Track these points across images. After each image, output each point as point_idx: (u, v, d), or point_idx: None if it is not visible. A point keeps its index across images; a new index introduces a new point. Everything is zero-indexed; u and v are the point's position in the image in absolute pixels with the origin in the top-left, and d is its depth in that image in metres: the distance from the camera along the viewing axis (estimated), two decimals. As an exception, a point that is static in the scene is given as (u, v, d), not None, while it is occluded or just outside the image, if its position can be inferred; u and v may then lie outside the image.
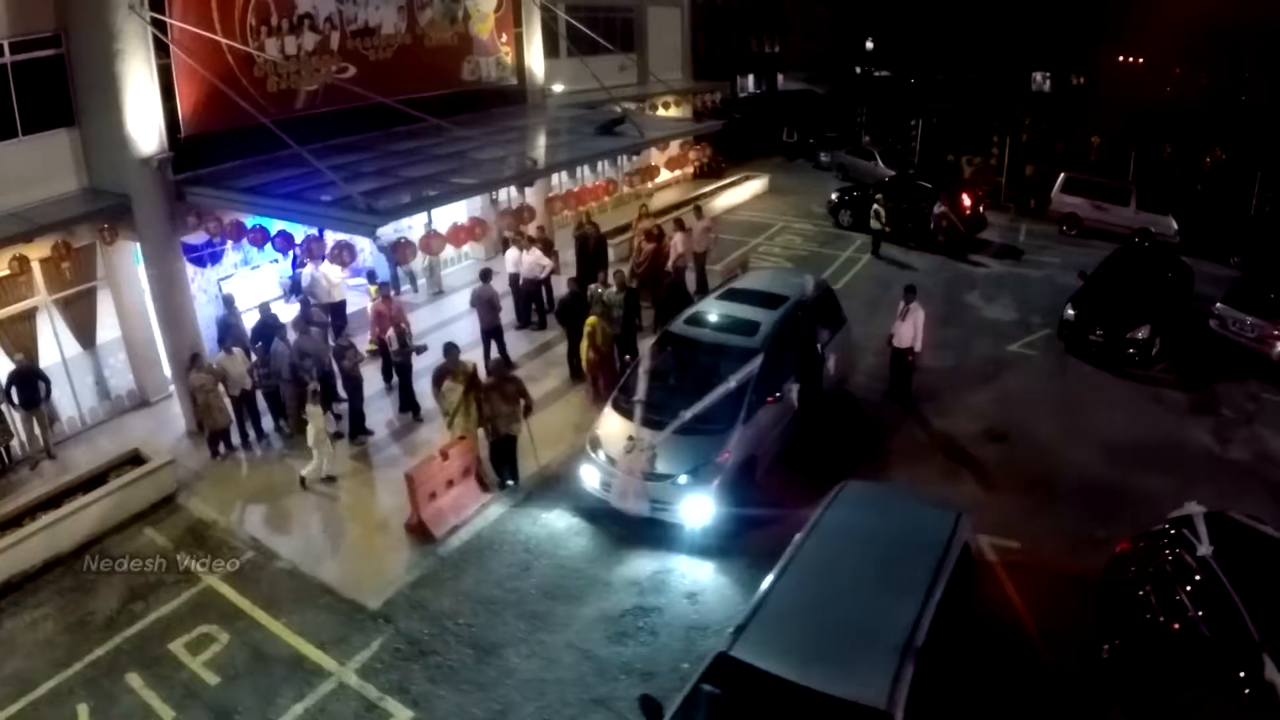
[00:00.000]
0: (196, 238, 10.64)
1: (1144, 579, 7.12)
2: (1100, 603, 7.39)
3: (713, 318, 9.74)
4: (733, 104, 30.86)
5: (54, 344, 10.26)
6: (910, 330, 11.10)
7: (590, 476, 8.82)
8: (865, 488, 7.23)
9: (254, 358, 10.26)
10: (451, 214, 12.21)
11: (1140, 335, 12.78)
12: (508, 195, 15.20)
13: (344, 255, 9.64)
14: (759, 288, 10.48)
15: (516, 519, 8.97)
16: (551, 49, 16.04)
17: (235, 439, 10.21)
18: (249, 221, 10.27)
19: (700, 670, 5.39)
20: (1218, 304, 13.58)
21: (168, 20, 9.38)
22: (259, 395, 10.31)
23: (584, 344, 10.69)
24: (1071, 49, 30.29)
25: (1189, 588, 6.65)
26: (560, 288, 13.02)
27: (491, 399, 8.94)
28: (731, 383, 8.57)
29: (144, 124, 9.52)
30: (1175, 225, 18.79)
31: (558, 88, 15.61)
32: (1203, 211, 19.92)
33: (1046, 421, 11.35)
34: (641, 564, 8.25)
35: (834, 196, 20.72)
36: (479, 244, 14.15)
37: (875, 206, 17.68)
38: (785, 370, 9.31)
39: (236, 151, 10.28)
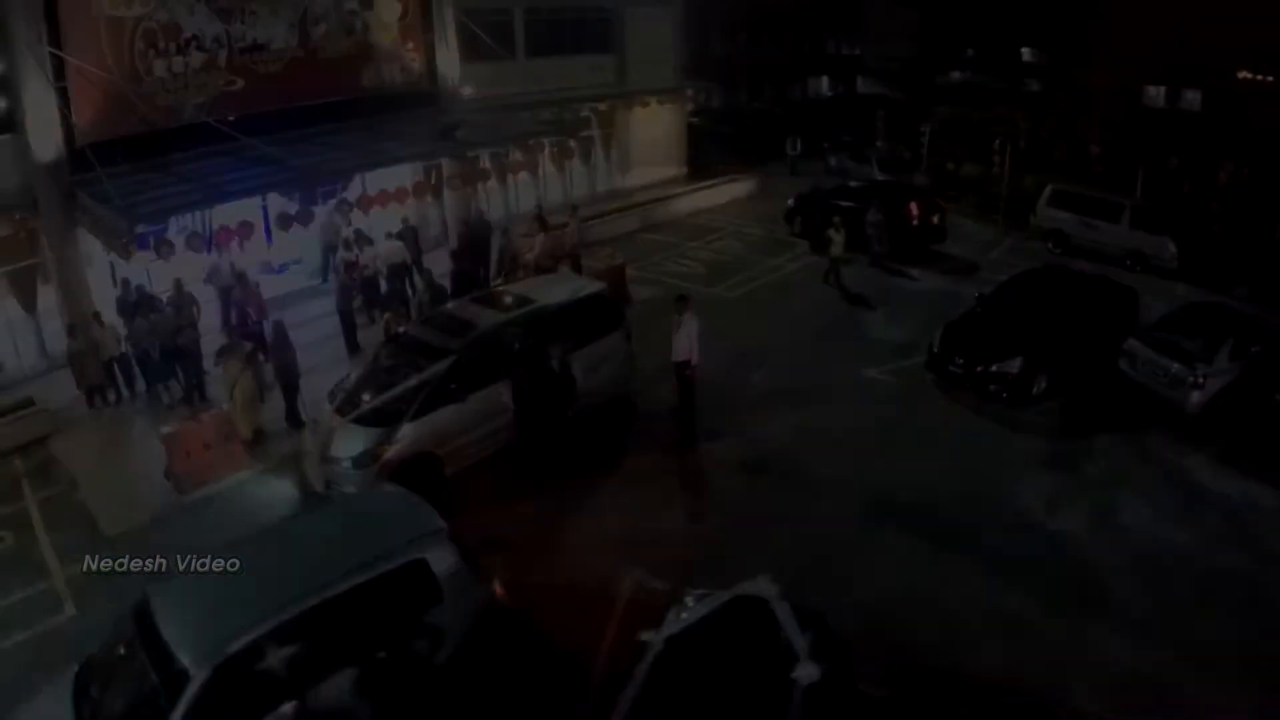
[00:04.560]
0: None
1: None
2: None
3: (442, 318, 11.28)
4: (788, 106, 32.46)
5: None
6: (685, 343, 11.61)
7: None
8: (394, 492, 8.41)
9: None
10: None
11: (1011, 370, 12.11)
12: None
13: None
14: (522, 291, 11.82)
15: (255, 485, 11.29)
16: (505, 51, 18.00)
17: (112, 396, 13.63)
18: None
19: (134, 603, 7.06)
20: (1130, 339, 12.31)
21: (62, 55, 12.83)
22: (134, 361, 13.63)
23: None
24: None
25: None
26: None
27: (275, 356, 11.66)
28: (413, 380, 10.15)
29: (44, 135, 13.04)
30: (1173, 248, 16.87)
31: (466, 91, 17.66)
32: (1220, 233, 17.51)
33: (839, 458, 11.21)
34: (313, 534, 10.18)
35: (790, 202, 20.93)
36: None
37: (830, 231, 17.11)
38: (492, 373, 10.63)
39: (129, 157, 13.59)
